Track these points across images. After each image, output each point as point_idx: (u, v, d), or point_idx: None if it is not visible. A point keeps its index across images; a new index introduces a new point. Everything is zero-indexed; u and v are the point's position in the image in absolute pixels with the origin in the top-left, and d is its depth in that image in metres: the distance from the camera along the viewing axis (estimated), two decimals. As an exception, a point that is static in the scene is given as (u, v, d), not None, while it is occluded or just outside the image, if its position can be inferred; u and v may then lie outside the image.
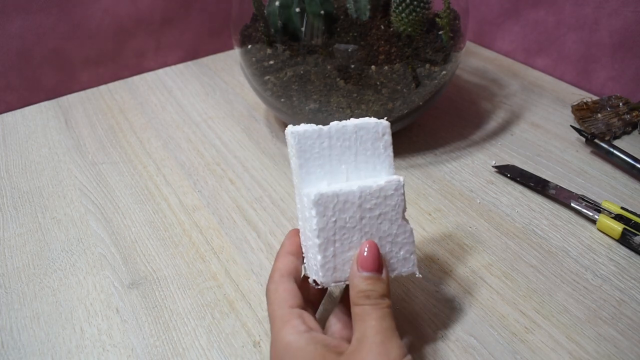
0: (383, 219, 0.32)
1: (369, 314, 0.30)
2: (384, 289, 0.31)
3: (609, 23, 0.62)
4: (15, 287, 0.43)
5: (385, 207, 0.32)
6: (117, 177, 0.55)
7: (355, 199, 0.31)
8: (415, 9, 0.48)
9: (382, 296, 0.31)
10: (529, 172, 0.52)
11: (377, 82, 0.49)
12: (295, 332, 0.30)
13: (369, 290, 0.30)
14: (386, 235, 0.32)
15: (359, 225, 0.32)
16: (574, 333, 0.37)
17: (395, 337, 0.29)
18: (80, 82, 0.71)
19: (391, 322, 0.30)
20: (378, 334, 0.29)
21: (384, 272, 0.32)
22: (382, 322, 0.30)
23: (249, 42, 0.54)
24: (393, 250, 0.33)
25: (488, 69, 0.73)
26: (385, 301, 0.30)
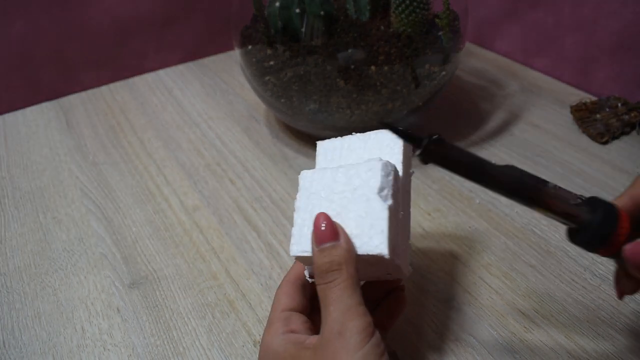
0: (358, 196, 0.30)
1: (327, 296, 0.28)
2: (340, 256, 0.28)
3: (608, 24, 0.62)
4: (16, 287, 0.43)
5: (362, 186, 0.30)
6: (117, 177, 0.55)
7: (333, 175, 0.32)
8: (415, 9, 0.48)
9: (339, 265, 0.28)
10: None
11: (377, 83, 0.49)
12: (273, 334, 0.30)
13: (326, 263, 0.28)
14: (359, 213, 0.30)
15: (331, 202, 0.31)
16: (573, 332, 0.38)
17: (355, 318, 0.27)
18: (81, 83, 0.72)
19: (350, 298, 0.28)
20: (336, 323, 0.27)
21: (341, 238, 0.29)
22: (340, 304, 0.27)
23: (249, 43, 0.54)
24: (363, 228, 0.29)
25: (487, 69, 0.73)
26: (343, 272, 0.28)
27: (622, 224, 0.28)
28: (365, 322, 0.27)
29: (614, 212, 0.28)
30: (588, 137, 0.58)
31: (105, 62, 0.72)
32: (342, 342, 0.26)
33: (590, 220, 0.28)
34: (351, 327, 0.27)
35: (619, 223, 0.28)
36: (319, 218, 0.29)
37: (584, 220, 0.28)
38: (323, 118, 0.52)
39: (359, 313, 0.27)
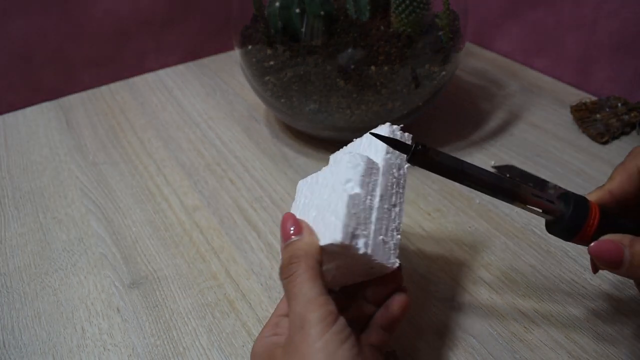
0: (330, 190, 0.31)
1: (288, 291, 0.28)
2: (299, 249, 0.29)
3: (608, 24, 0.62)
4: (16, 287, 0.43)
5: (334, 181, 0.31)
6: (117, 177, 0.55)
7: (317, 177, 0.33)
8: (415, 9, 0.48)
9: (298, 258, 0.28)
10: (528, 172, 0.52)
11: (377, 83, 0.49)
12: (259, 339, 0.31)
13: (287, 257, 0.29)
14: (325, 203, 0.31)
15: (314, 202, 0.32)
16: (573, 332, 0.38)
17: (315, 309, 0.27)
18: (82, 83, 0.72)
19: (310, 290, 0.27)
20: (297, 317, 0.27)
21: (304, 233, 0.30)
22: (300, 297, 0.27)
23: (249, 43, 0.54)
24: (327, 220, 0.30)
25: (487, 69, 0.73)
26: (302, 265, 0.28)
27: (592, 216, 0.31)
28: (326, 312, 0.27)
29: (585, 205, 0.31)
30: (588, 137, 0.58)
31: (105, 62, 0.72)
32: (302, 335, 0.26)
33: (563, 213, 0.31)
34: (310, 319, 0.27)
35: (589, 215, 0.31)
36: (284, 217, 0.30)
37: (558, 213, 0.31)
38: (323, 118, 0.52)
39: (319, 303, 0.27)
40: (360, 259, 0.30)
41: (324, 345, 0.26)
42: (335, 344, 0.26)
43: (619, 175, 0.32)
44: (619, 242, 0.30)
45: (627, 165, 0.32)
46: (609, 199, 0.32)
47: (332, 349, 0.26)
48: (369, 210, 0.31)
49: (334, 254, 0.30)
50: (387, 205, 0.32)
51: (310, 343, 0.26)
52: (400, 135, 0.35)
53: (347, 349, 0.26)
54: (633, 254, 0.29)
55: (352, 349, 0.26)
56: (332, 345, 0.26)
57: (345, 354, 0.26)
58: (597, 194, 0.33)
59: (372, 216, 0.31)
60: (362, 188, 0.30)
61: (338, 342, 0.26)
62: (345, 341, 0.26)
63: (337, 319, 0.27)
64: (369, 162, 0.32)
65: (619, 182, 0.32)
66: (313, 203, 0.32)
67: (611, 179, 0.33)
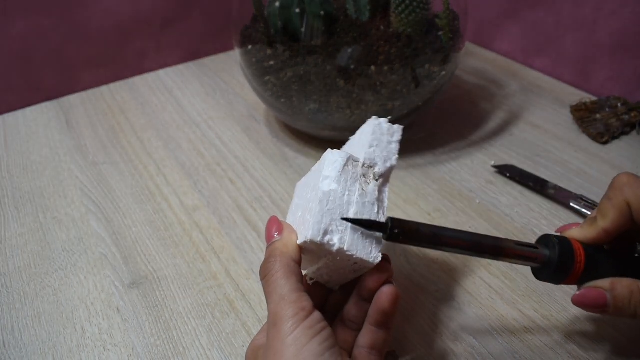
0: (311, 190, 0.32)
1: (265, 290, 0.29)
2: (276, 249, 0.30)
3: (608, 24, 0.62)
4: (16, 287, 0.43)
5: (315, 179, 0.32)
6: (117, 177, 0.55)
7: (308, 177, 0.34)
8: (415, 9, 0.48)
9: (274, 257, 0.29)
10: (528, 172, 0.52)
11: (377, 83, 0.49)
12: (251, 342, 0.31)
13: (267, 257, 0.30)
14: (306, 203, 0.31)
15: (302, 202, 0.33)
16: (573, 332, 0.38)
17: (287, 306, 0.27)
18: (81, 83, 0.72)
19: (283, 287, 0.28)
20: (271, 315, 0.28)
21: (283, 233, 0.31)
22: (274, 295, 0.28)
23: (249, 43, 0.54)
24: (305, 216, 0.30)
25: (487, 69, 0.73)
26: (277, 263, 0.29)
27: (577, 259, 0.31)
28: (297, 308, 0.27)
29: (570, 248, 0.32)
30: (588, 137, 0.58)
31: (105, 62, 0.72)
32: (275, 331, 0.27)
33: (550, 259, 0.32)
34: (282, 315, 0.27)
35: (575, 258, 0.31)
36: (269, 221, 0.32)
37: (544, 259, 0.32)
38: (323, 118, 0.52)
39: (291, 300, 0.28)
40: (338, 256, 0.30)
41: (294, 340, 0.26)
42: (305, 338, 0.27)
43: (610, 212, 0.32)
44: (601, 288, 0.31)
45: (615, 201, 0.32)
46: (604, 238, 0.33)
47: (302, 343, 0.26)
48: (347, 206, 0.30)
49: (315, 252, 0.30)
50: (369, 199, 0.32)
51: (281, 339, 0.27)
52: (388, 128, 0.35)
53: (317, 342, 0.27)
54: (615, 298, 0.30)
55: (323, 342, 0.27)
56: (303, 339, 0.26)
57: (314, 348, 0.26)
58: (590, 233, 0.33)
59: (350, 211, 0.30)
60: (338, 184, 0.30)
61: (308, 337, 0.27)
62: (315, 335, 0.27)
63: (310, 315, 0.28)
64: (348, 158, 0.31)
65: (612, 220, 0.32)
66: (300, 204, 0.33)
67: (603, 217, 0.33)
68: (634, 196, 0.31)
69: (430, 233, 0.30)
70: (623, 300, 0.30)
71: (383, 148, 0.34)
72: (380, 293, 0.31)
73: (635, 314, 0.31)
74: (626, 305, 0.30)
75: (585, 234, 0.33)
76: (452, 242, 0.31)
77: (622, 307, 0.30)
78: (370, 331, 0.31)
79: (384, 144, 0.34)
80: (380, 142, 0.34)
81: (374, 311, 0.31)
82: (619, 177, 0.33)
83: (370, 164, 0.33)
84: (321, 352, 0.26)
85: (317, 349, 0.26)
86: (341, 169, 0.31)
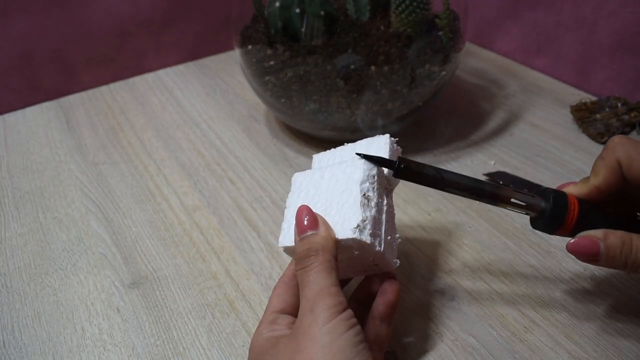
0: (342, 189, 0.33)
1: (303, 280, 0.30)
2: (318, 243, 0.30)
3: (608, 24, 0.62)
4: (16, 287, 0.43)
5: (345, 180, 0.33)
6: (117, 177, 0.55)
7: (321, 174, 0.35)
8: (415, 9, 0.48)
9: (316, 251, 0.30)
10: (521, 178, 0.52)
11: (377, 83, 0.49)
12: (257, 336, 0.32)
13: (305, 250, 0.30)
14: (341, 203, 0.32)
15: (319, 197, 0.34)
16: (573, 332, 0.38)
17: (326, 296, 0.28)
18: (82, 83, 0.72)
19: (324, 280, 0.29)
20: (308, 302, 0.29)
21: (320, 227, 0.31)
22: (314, 285, 0.29)
23: (249, 43, 0.54)
24: (343, 216, 0.32)
25: (487, 69, 0.73)
26: (320, 257, 0.30)
27: (571, 210, 0.33)
28: (336, 300, 0.28)
29: (564, 200, 0.33)
30: (588, 137, 0.58)
31: (105, 62, 0.72)
32: (312, 318, 0.28)
33: (545, 208, 0.33)
34: (321, 304, 0.28)
35: (568, 209, 0.33)
36: (301, 211, 0.32)
37: (540, 208, 0.34)
38: (323, 118, 0.52)
39: (331, 293, 0.29)
40: (369, 256, 0.32)
41: (332, 329, 0.27)
42: (342, 329, 0.28)
43: (602, 170, 0.34)
44: (594, 237, 0.32)
45: (607, 160, 0.34)
46: (596, 195, 0.34)
47: (338, 333, 0.27)
48: (381, 212, 0.33)
49: (345, 248, 0.31)
50: (390, 208, 0.34)
51: (319, 325, 0.28)
52: (395, 148, 0.36)
53: (352, 334, 0.28)
54: (608, 247, 0.31)
55: (357, 335, 0.28)
56: (339, 329, 0.28)
57: (350, 338, 0.28)
58: (583, 189, 0.34)
59: (382, 217, 0.33)
60: (375, 191, 0.32)
61: (345, 328, 0.28)
62: (351, 327, 0.28)
63: (346, 309, 0.29)
64: (378, 167, 0.33)
65: (603, 177, 0.34)
66: (321, 198, 0.33)
67: (595, 175, 0.34)
68: (624, 155, 0.33)
69: (434, 173, 0.32)
70: (615, 249, 0.31)
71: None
72: (385, 286, 0.33)
73: (625, 264, 0.32)
74: (617, 254, 0.31)
75: (579, 190, 0.34)
76: (454, 183, 0.33)
77: (613, 256, 0.31)
78: (374, 325, 0.33)
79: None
80: (393, 158, 0.35)
81: (380, 304, 0.33)
82: (613, 138, 0.34)
83: (388, 177, 0.35)
84: (356, 343, 0.28)
85: (353, 340, 0.28)
86: (376, 177, 0.33)
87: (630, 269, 0.32)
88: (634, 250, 0.31)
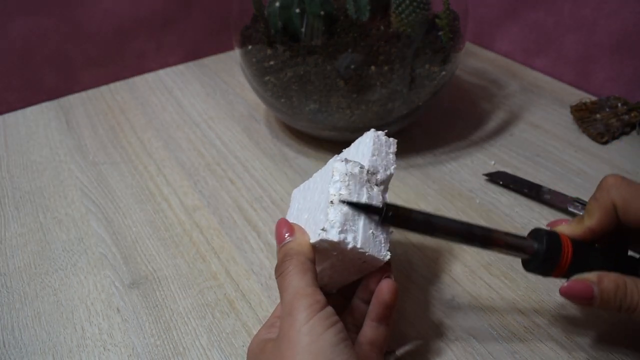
0: (320, 193, 0.33)
1: (280, 286, 0.30)
2: (291, 249, 0.31)
3: (608, 24, 0.62)
4: (16, 287, 0.43)
5: (324, 183, 0.33)
6: (118, 177, 0.55)
7: (310, 182, 0.36)
8: (415, 9, 0.48)
9: (290, 256, 0.30)
10: (521, 178, 0.52)
11: (377, 83, 0.49)
12: (255, 337, 0.32)
13: (280, 257, 0.31)
14: (315, 205, 0.33)
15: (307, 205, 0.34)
16: (573, 333, 0.38)
17: (302, 297, 0.28)
18: (81, 83, 0.72)
19: (299, 282, 0.29)
20: (287, 305, 0.29)
21: (296, 234, 0.32)
22: (290, 288, 0.29)
23: (249, 43, 0.54)
24: (318, 219, 0.32)
25: (487, 69, 0.73)
26: (293, 261, 0.30)
27: (565, 252, 0.32)
28: (312, 300, 0.28)
29: (558, 241, 0.33)
30: (588, 137, 0.58)
31: (105, 62, 0.72)
32: (290, 320, 0.28)
33: (538, 251, 0.32)
34: (297, 306, 0.28)
35: (562, 251, 0.32)
36: (279, 224, 0.33)
37: (532, 251, 0.33)
38: (323, 118, 0.52)
39: (307, 293, 0.29)
40: (350, 254, 0.31)
41: (310, 329, 0.27)
42: (320, 329, 0.27)
43: (597, 212, 0.33)
44: (588, 281, 0.31)
45: (602, 201, 0.33)
46: (590, 236, 0.34)
47: (317, 333, 0.27)
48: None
49: (327, 251, 0.31)
50: (375, 202, 0.33)
51: (297, 327, 0.27)
52: (385, 140, 0.37)
53: (332, 333, 0.27)
54: (602, 291, 0.31)
55: (338, 334, 0.28)
56: (318, 329, 0.27)
57: (329, 338, 0.27)
58: (577, 230, 0.34)
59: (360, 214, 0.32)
60: (347, 188, 0.32)
61: (323, 327, 0.27)
62: (330, 326, 0.28)
63: (324, 307, 0.28)
64: (353, 166, 0.33)
65: (598, 219, 0.33)
66: (305, 207, 0.34)
67: (589, 216, 0.34)
68: (619, 197, 0.32)
69: (423, 219, 0.32)
70: (609, 293, 0.31)
71: (383, 157, 0.36)
72: (380, 286, 0.32)
73: (620, 307, 0.32)
74: (612, 298, 0.31)
75: (573, 230, 0.34)
76: (443, 229, 0.32)
77: (607, 299, 0.31)
78: (371, 327, 0.32)
79: (383, 154, 0.36)
80: (380, 152, 0.36)
81: (375, 305, 0.32)
82: (606, 178, 0.34)
83: (373, 170, 0.34)
84: (337, 342, 0.27)
85: (332, 339, 0.27)
86: (350, 174, 0.33)
87: (625, 312, 0.32)
88: (628, 294, 0.31)
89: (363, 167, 0.34)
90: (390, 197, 0.50)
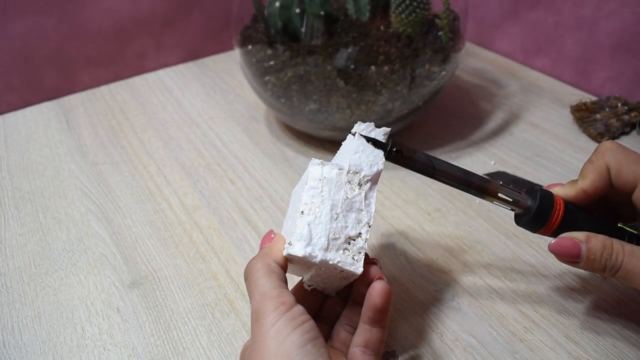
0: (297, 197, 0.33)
1: (248, 292, 0.30)
2: (259, 256, 0.31)
3: (608, 24, 0.62)
4: (16, 287, 0.43)
5: (300, 187, 0.33)
6: (117, 177, 0.55)
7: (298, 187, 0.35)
8: (415, 9, 0.48)
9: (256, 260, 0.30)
10: (520, 178, 0.52)
11: (377, 83, 0.49)
12: (245, 343, 0.31)
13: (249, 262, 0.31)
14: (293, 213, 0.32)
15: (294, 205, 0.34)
16: (573, 333, 0.38)
17: (269, 300, 0.28)
18: (81, 83, 0.72)
19: (264, 285, 0.29)
20: (254, 312, 0.28)
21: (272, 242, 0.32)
22: (256, 293, 0.29)
23: (249, 43, 0.54)
24: (291, 227, 0.32)
25: (487, 69, 0.73)
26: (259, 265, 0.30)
27: (556, 210, 0.33)
28: (277, 302, 0.28)
29: (551, 200, 0.34)
30: (588, 137, 0.58)
31: (105, 62, 0.72)
32: (258, 327, 0.28)
33: (530, 206, 0.34)
34: (263, 310, 0.28)
35: (554, 209, 0.33)
36: (265, 235, 0.33)
37: (525, 206, 0.34)
38: (323, 118, 0.52)
39: (272, 296, 0.28)
40: (322, 267, 0.30)
41: (276, 332, 0.27)
42: (287, 330, 0.27)
43: (590, 174, 0.34)
44: (576, 239, 0.32)
45: (596, 164, 0.34)
46: (583, 197, 0.34)
47: (283, 335, 0.27)
48: (330, 214, 0.31)
49: (302, 261, 0.30)
50: (356, 206, 0.32)
51: (264, 332, 0.27)
52: (373, 131, 0.35)
53: (299, 333, 0.27)
54: (589, 250, 0.32)
55: (305, 334, 0.27)
56: (284, 331, 0.27)
57: (296, 339, 0.27)
58: (570, 191, 0.35)
59: (334, 223, 0.31)
60: (320, 194, 0.31)
61: (290, 328, 0.27)
62: (297, 327, 0.27)
63: (291, 308, 0.28)
64: (330, 169, 0.32)
65: (591, 181, 0.34)
66: (290, 212, 0.34)
67: (583, 178, 0.34)
68: (613, 160, 0.33)
69: (425, 159, 0.32)
70: (596, 252, 0.32)
71: (369, 153, 0.33)
72: (371, 289, 0.31)
73: (604, 267, 0.32)
74: (597, 257, 0.32)
75: (566, 192, 0.35)
76: (443, 172, 0.33)
77: (593, 259, 0.32)
78: (364, 330, 0.31)
79: (369, 148, 0.33)
80: (366, 146, 0.33)
81: (366, 308, 0.31)
82: (603, 142, 0.35)
83: (355, 169, 0.32)
84: (303, 343, 0.27)
85: (299, 340, 0.27)
86: (324, 180, 0.31)
87: (608, 273, 0.32)
88: (614, 254, 0.32)
89: (342, 169, 0.32)
90: (390, 197, 0.50)
